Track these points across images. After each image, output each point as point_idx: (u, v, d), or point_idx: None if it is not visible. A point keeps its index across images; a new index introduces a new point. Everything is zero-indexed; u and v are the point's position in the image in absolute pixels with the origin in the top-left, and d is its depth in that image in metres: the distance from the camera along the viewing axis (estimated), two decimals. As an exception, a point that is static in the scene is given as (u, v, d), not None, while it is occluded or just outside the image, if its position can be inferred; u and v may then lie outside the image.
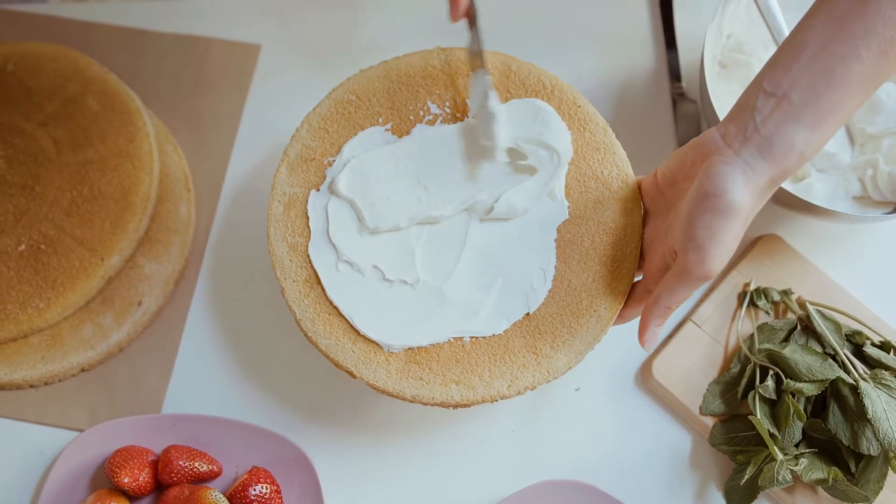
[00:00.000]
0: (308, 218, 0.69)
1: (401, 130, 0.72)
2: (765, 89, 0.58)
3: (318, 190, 0.70)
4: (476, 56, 0.71)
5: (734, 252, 0.59)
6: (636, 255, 0.68)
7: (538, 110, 0.70)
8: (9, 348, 0.75)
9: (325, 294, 0.67)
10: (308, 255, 0.68)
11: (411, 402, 0.66)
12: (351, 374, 0.66)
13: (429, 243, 0.69)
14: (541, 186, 0.69)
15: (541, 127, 0.69)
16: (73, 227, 0.77)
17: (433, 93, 0.72)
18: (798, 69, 0.56)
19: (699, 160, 0.60)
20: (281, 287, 0.68)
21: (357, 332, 0.66)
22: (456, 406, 0.66)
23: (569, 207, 0.69)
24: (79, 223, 0.77)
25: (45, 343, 0.76)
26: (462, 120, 0.72)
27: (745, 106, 0.59)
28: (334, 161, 0.70)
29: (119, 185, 0.78)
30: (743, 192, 0.57)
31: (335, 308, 0.67)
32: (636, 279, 0.69)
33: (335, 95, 0.72)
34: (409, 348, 0.66)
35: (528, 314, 0.67)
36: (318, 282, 0.67)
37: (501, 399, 0.65)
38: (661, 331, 0.63)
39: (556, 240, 0.68)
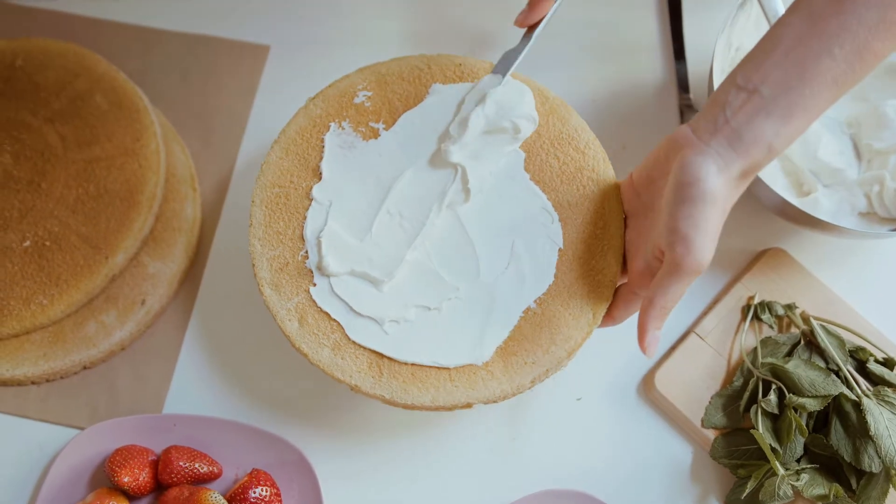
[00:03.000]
0: (327, 313, 0.67)
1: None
2: (737, 84, 0.58)
3: (315, 285, 0.67)
4: (508, 63, 0.72)
5: (716, 243, 0.59)
6: (596, 147, 0.72)
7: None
8: (11, 344, 0.75)
9: (398, 360, 0.66)
10: (354, 343, 0.66)
11: (531, 388, 0.66)
12: (468, 406, 0.65)
13: (441, 254, 0.68)
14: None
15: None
16: (78, 224, 0.76)
17: (343, 118, 0.72)
18: (770, 64, 0.57)
19: (673, 156, 0.61)
20: (352, 387, 0.65)
21: (448, 368, 0.66)
22: (569, 357, 0.66)
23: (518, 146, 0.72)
24: (84, 221, 0.77)
25: (47, 340, 0.76)
26: (373, 133, 0.72)
27: (717, 101, 0.59)
28: (306, 251, 0.69)
29: (125, 184, 0.78)
30: (717, 179, 0.58)
31: (415, 364, 0.66)
32: (619, 283, 0.69)
33: (260, 198, 0.70)
34: (497, 346, 0.66)
35: (560, 249, 0.68)
36: (382, 356, 0.66)
37: (594, 329, 0.67)
38: (660, 335, 0.63)
39: (530, 179, 0.70)
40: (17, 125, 0.80)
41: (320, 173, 0.70)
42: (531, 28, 0.73)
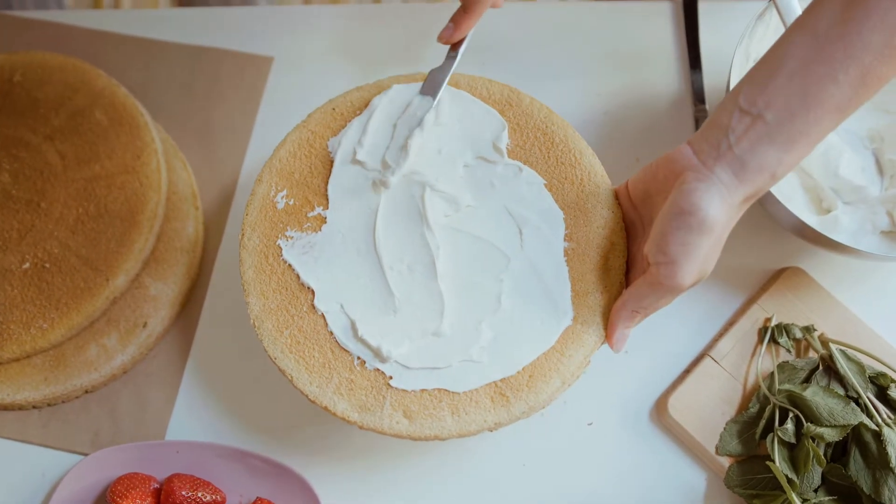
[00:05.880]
0: (424, 390, 0.63)
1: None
2: (740, 106, 0.57)
3: (392, 377, 0.63)
4: (436, 83, 0.70)
5: (706, 266, 0.59)
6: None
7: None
8: (12, 368, 0.74)
9: (511, 376, 0.63)
10: (465, 393, 0.63)
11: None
12: (587, 364, 0.65)
13: (465, 264, 0.66)
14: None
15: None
16: (78, 245, 0.75)
17: (282, 230, 0.68)
18: (774, 88, 0.56)
19: (671, 176, 0.60)
20: (492, 428, 0.63)
21: (552, 348, 0.64)
22: (621, 270, 0.66)
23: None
24: (84, 241, 0.75)
25: (48, 364, 0.74)
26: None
27: (719, 123, 0.58)
28: (357, 357, 0.64)
29: (125, 203, 0.76)
30: (718, 209, 0.57)
31: (525, 368, 0.64)
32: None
33: (279, 349, 0.65)
34: (570, 297, 0.65)
35: (545, 184, 0.69)
36: (495, 383, 0.64)
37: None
38: (629, 333, 0.63)
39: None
40: (16, 143, 0.79)
41: (309, 287, 0.66)
42: (455, 45, 0.73)
